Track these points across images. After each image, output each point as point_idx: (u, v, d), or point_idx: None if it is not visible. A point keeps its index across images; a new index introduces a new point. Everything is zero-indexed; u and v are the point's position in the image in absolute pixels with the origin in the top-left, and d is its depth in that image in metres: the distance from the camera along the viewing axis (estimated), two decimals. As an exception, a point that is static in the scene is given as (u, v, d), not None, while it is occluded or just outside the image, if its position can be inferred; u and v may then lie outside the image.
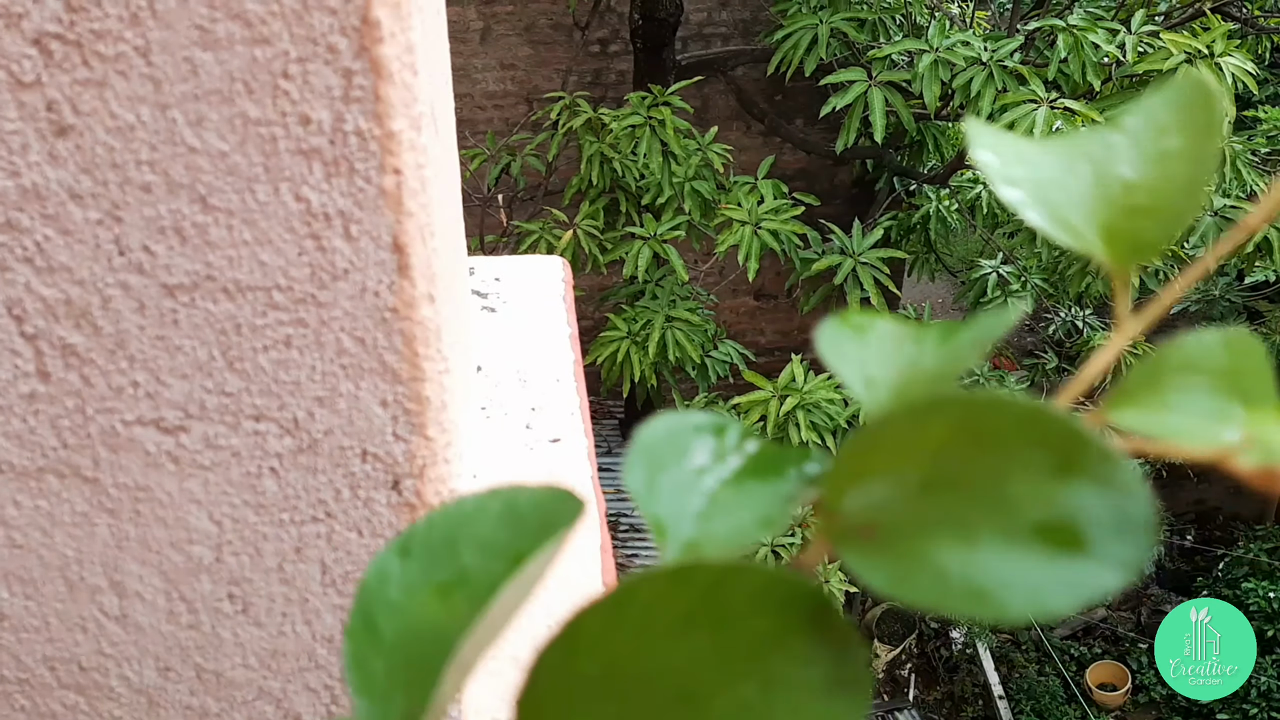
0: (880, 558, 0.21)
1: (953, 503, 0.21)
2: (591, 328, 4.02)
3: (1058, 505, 0.20)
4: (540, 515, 0.26)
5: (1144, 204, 0.27)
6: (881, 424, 0.22)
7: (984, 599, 0.20)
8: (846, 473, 0.23)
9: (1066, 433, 0.20)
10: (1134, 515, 0.20)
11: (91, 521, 0.51)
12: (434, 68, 0.55)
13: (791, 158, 4.87)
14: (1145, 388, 0.25)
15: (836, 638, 0.22)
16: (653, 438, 0.27)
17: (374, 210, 0.45)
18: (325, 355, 0.48)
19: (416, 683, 0.24)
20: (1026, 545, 0.20)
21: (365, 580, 0.26)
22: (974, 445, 0.21)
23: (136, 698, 0.55)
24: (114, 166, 0.45)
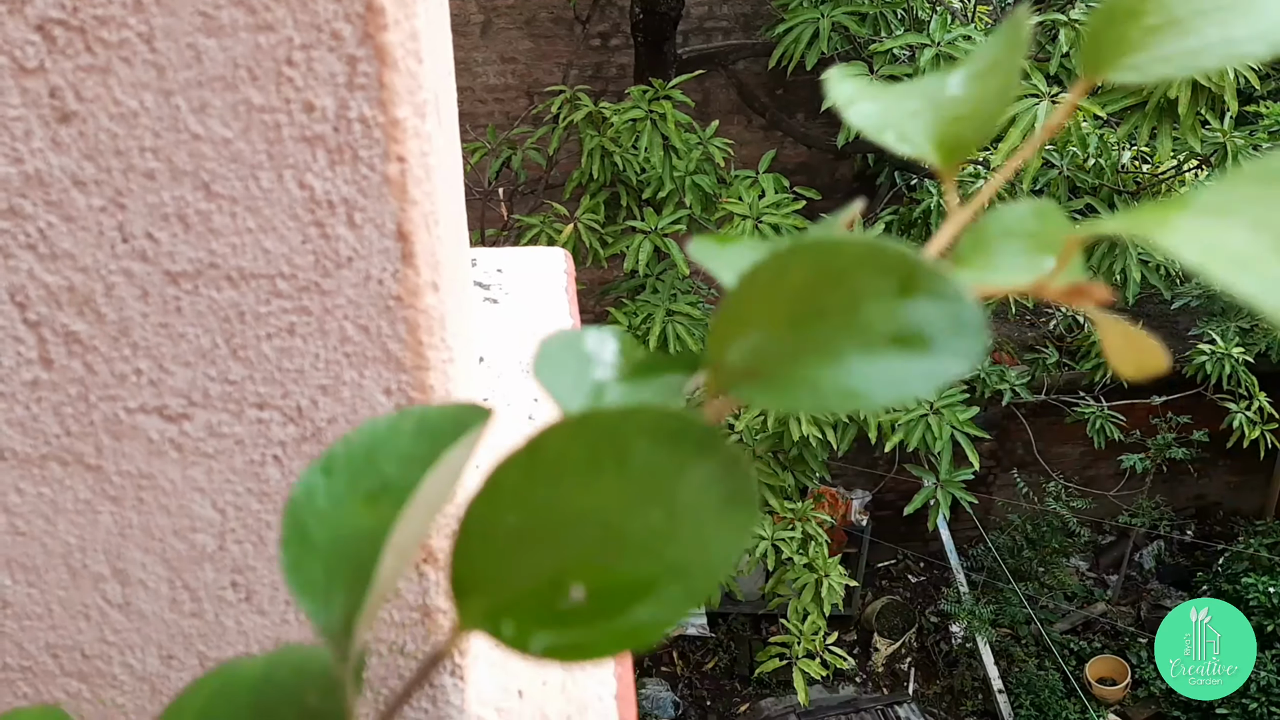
0: (765, 388, 0.25)
1: (818, 332, 0.24)
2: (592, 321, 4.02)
3: (904, 319, 0.24)
4: (453, 425, 0.29)
5: (964, 112, 0.32)
6: (749, 277, 0.25)
7: (854, 397, 0.23)
8: (726, 330, 0.26)
9: (905, 259, 0.24)
10: (967, 317, 0.23)
11: (94, 509, 0.51)
12: (437, 56, 0.54)
13: (793, 152, 4.87)
14: (975, 252, 0.31)
15: (726, 461, 0.24)
16: (553, 347, 0.31)
17: (378, 198, 0.45)
18: (329, 343, 0.48)
19: (354, 577, 0.26)
20: (883, 353, 0.24)
21: (293, 496, 0.28)
22: (829, 281, 0.24)
23: (139, 685, 0.55)
24: (117, 153, 0.45)
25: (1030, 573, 5.93)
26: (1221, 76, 3.05)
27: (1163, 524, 6.05)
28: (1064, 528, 5.85)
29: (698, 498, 0.24)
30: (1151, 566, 6.45)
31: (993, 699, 5.68)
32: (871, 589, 6.31)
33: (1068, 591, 6.09)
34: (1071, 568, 6.23)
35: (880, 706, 5.65)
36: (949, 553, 6.11)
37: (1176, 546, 6.46)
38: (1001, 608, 5.80)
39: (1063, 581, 6.03)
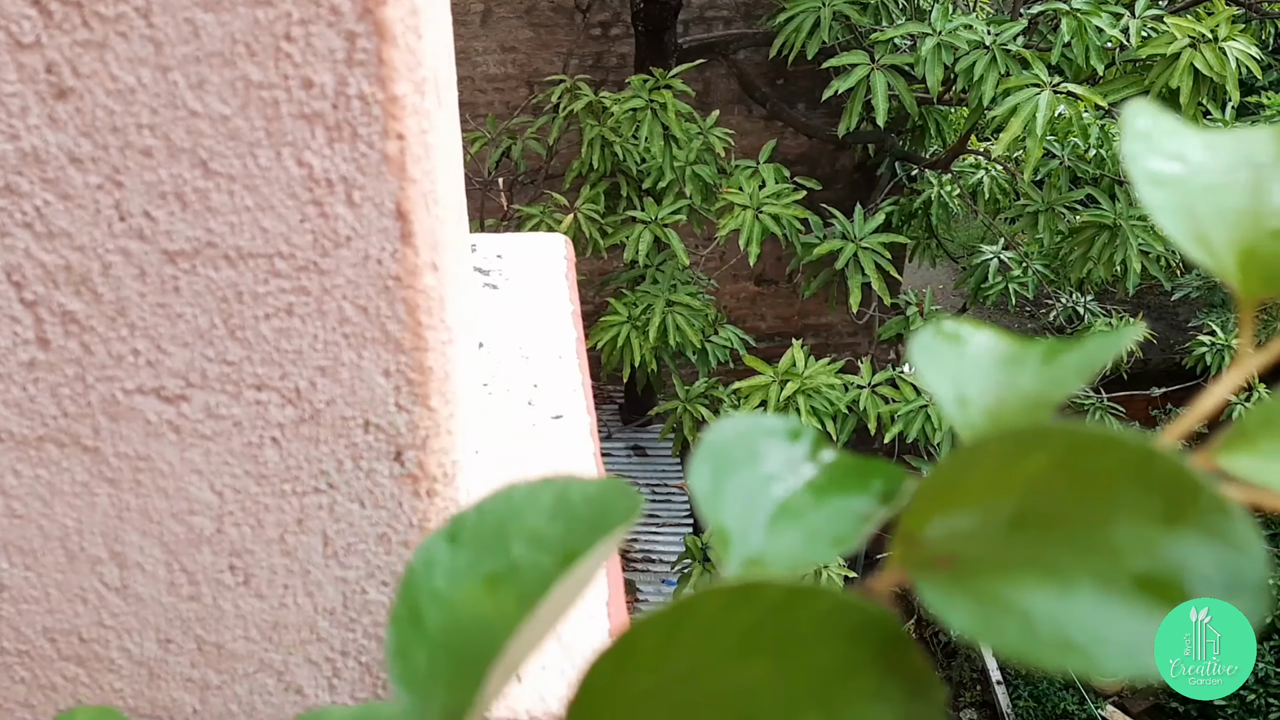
0: (961, 594, 0.20)
1: (1045, 543, 0.19)
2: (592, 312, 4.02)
3: (1162, 556, 0.19)
4: (593, 509, 0.25)
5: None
6: (975, 450, 0.20)
7: (1074, 652, 0.18)
8: (932, 498, 0.21)
9: (1178, 477, 0.19)
10: (1245, 574, 0.18)
11: (92, 491, 0.50)
12: (437, 34, 0.54)
13: (793, 142, 4.86)
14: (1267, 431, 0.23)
15: (910, 674, 0.20)
16: (722, 438, 0.26)
17: (377, 176, 0.45)
18: (327, 324, 0.47)
19: (460, 678, 0.23)
20: (1124, 597, 0.19)
21: (411, 566, 0.25)
22: (1074, 482, 0.19)
23: (137, 670, 0.54)
24: (114, 130, 0.44)
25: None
26: (1223, 66, 3.04)
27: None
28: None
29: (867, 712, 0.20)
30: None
31: (991, 690, 5.70)
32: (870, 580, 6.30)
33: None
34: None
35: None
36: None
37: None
38: (1000, 599, 5.80)
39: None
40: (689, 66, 3.68)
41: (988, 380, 0.26)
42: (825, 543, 0.24)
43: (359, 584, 0.53)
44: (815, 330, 5.43)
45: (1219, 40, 3.10)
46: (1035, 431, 0.20)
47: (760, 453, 0.25)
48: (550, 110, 3.71)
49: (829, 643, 0.20)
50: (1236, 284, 0.24)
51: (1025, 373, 0.26)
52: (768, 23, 3.97)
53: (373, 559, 0.52)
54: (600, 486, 0.25)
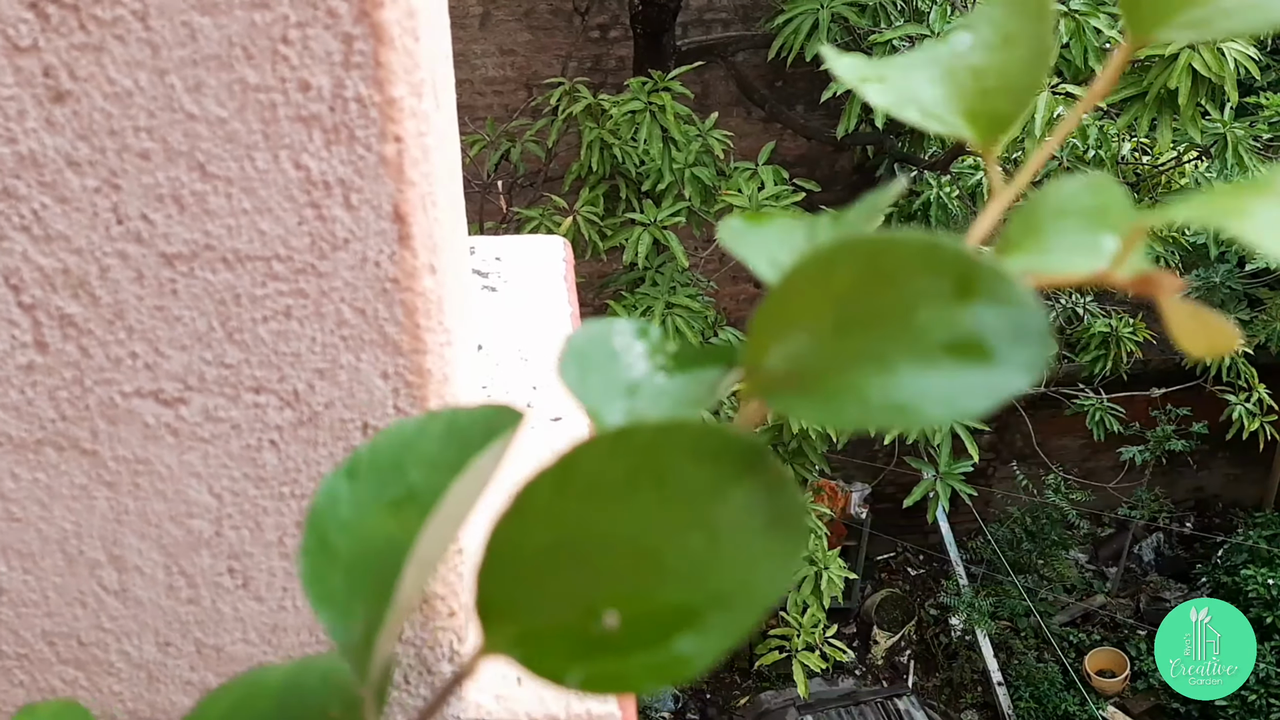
0: (806, 398, 0.23)
1: (866, 339, 0.22)
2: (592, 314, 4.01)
3: (962, 325, 0.22)
4: (482, 429, 0.27)
5: (995, 85, 0.30)
6: (792, 276, 0.23)
7: (905, 412, 0.21)
8: (765, 331, 0.24)
9: (962, 259, 0.22)
10: (1030, 324, 0.21)
11: (90, 494, 0.50)
12: (435, 36, 0.54)
13: (792, 144, 4.86)
14: (1026, 235, 0.28)
15: (772, 481, 0.23)
16: (581, 341, 0.29)
17: (375, 179, 0.45)
18: (325, 326, 0.47)
19: (377, 591, 0.25)
20: (938, 363, 0.22)
21: (315, 502, 0.27)
22: (879, 282, 0.22)
23: (136, 673, 0.54)
24: (112, 133, 0.44)
25: (1030, 565, 5.93)
26: (1221, 66, 3.04)
27: (1162, 516, 6.04)
28: (1063, 520, 5.85)
29: (740, 520, 0.22)
30: (1151, 559, 6.45)
31: (992, 691, 5.69)
32: (871, 582, 6.31)
33: (1067, 584, 6.09)
34: (1071, 560, 6.23)
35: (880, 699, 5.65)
36: (948, 545, 6.11)
37: (1176, 539, 6.46)
38: (1001, 600, 5.80)
39: (1062, 574, 6.03)
40: (688, 69, 3.68)
41: (792, 244, 0.30)
42: (684, 404, 0.27)
43: (358, 587, 0.53)
44: (815, 332, 5.42)
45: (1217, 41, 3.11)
46: (836, 245, 0.22)
47: (616, 348, 0.29)
48: (549, 113, 3.71)
49: (699, 466, 0.23)
50: (973, 135, 0.30)
51: (820, 232, 0.30)
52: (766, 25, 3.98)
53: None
54: (485, 409, 0.28)
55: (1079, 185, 0.29)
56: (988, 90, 0.30)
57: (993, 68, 0.30)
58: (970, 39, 0.31)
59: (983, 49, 0.31)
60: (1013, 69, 0.30)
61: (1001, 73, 0.30)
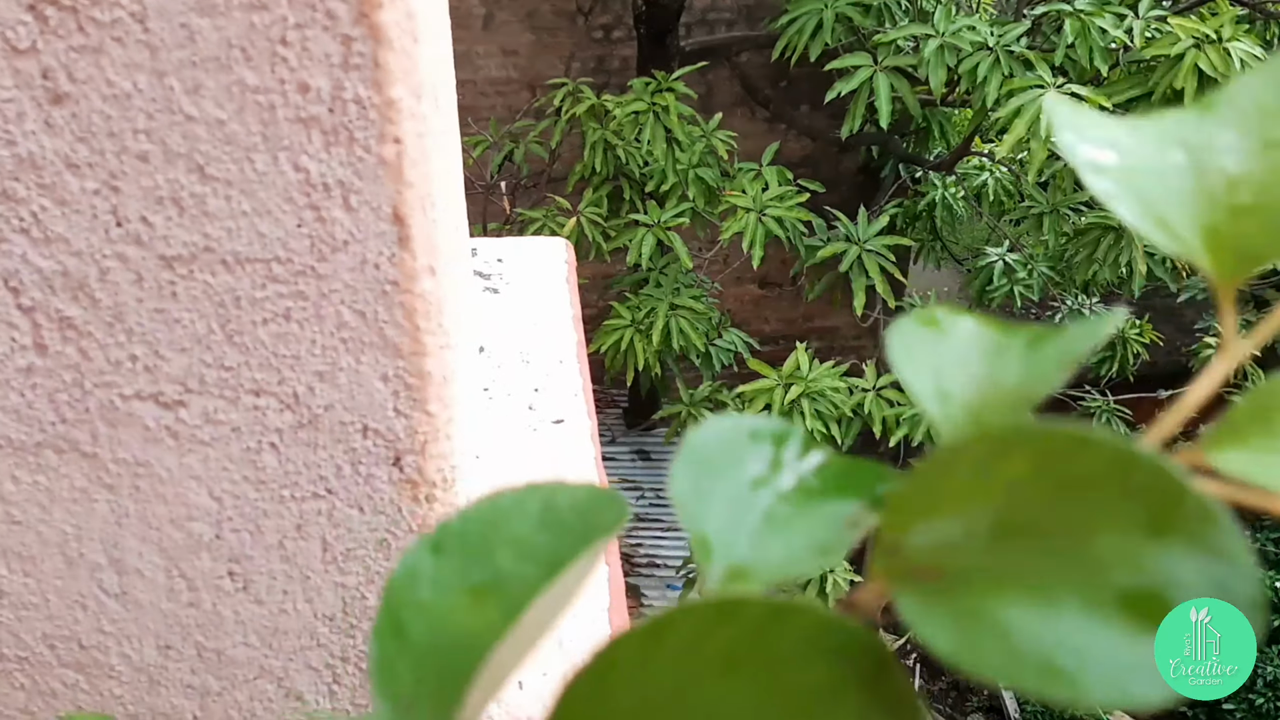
0: (943, 609, 0.19)
1: (1029, 554, 0.18)
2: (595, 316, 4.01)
3: (1148, 569, 0.18)
4: (580, 518, 0.24)
5: (1251, 202, 0.23)
6: (955, 452, 0.19)
7: (1058, 676, 0.17)
8: (913, 503, 0.20)
9: (1161, 481, 0.17)
10: (1235, 587, 0.17)
11: (90, 497, 0.50)
12: (435, 38, 0.54)
13: (796, 144, 4.85)
14: (1257, 425, 0.22)
15: (895, 698, 0.19)
16: (705, 441, 0.24)
17: (374, 180, 0.45)
18: (325, 329, 0.47)
19: (443, 692, 0.23)
20: (1110, 615, 0.18)
21: (394, 578, 0.24)
22: (1057, 488, 0.18)
23: (137, 676, 0.54)
24: (111, 135, 0.44)
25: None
26: (1227, 66, 3.03)
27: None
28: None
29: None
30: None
31: (999, 694, 5.68)
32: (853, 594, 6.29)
33: (1073, 585, 6.08)
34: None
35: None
36: (954, 547, 6.09)
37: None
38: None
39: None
40: (691, 69, 3.68)
41: (969, 373, 0.25)
42: (812, 551, 0.23)
43: (358, 590, 0.53)
44: (819, 333, 5.42)
45: (1223, 41, 3.10)
46: (1014, 432, 0.19)
47: (745, 456, 0.25)
48: (552, 114, 3.71)
49: (811, 663, 0.20)
50: (1208, 265, 0.23)
51: (1008, 364, 0.25)
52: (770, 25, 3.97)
53: (372, 564, 0.52)
54: (588, 494, 0.25)
55: None
56: (1240, 208, 0.23)
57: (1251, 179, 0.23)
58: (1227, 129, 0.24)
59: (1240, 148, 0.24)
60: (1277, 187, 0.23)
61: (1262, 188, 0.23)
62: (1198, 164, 0.24)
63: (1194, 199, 0.23)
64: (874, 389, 3.36)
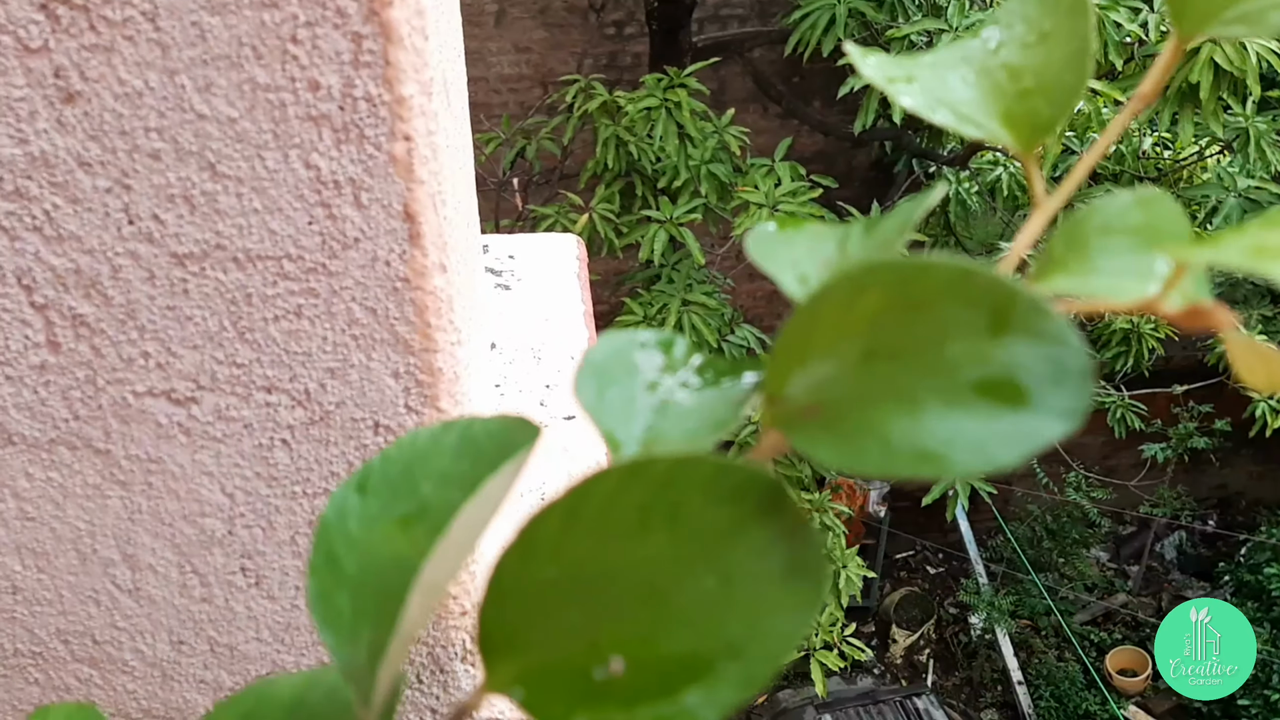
0: (827, 435, 0.21)
1: (893, 371, 0.21)
2: (607, 312, 4.01)
3: (995, 362, 0.20)
4: (497, 443, 0.26)
5: (1032, 85, 0.28)
6: (817, 299, 0.21)
7: (930, 460, 0.20)
8: (788, 356, 0.22)
9: (997, 289, 0.20)
10: (1070, 364, 0.20)
11: (103, 494, 0.50)
12: (445, 35, 0.54)
13: (809, 140, 4.84)
14: (1071, 253, 0.26)
15: (791, 524, 0.21)
16: (601, 354, 0.27)
17: (384, 177, 0.45)
18: (336, 325, 0.47)
19: (382, 614, 0.24)
20: (968, 404, 0.20)
21: (324, 516, 0.26)
22: (908, 311, 0.21)
23: (150, 671, 0.54)
24: (122, 134, 0.44)
25: (1050, 564, 5.89)
26: (1243, 60, 3.01)
27: (1184, 514, 6.00)
28: (1084, 518, 5.82)
29: (756, 566, 0.21)
30: (1173, 557, 6.40)
31: (1012, 691, 5.66)
32: (890, 580, 6.29)
33: (1088, 582, 6.05)
34: (1092, 558, 6.19)
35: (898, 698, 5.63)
36: (968, 544, 6.08)
37: (1198, 537, 6.41)
38: (1021, 599, 5.76)
39: (1083, 572, 5.99)
40: (704, 65, 3.67)
41: (821, 257, 0.28)
42: (706, 427, 0.25)
43: (370, 586, 0.53)
44: (833, 329, 5.41)
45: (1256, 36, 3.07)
46: (864, 269, 0.21)
47: (638, 364, 0.27)
48: (565, 110, 3.71)
49: (715, 505, 0.21)
50: (1010, 139, 0.28)
51: (853, 243, 0.28)
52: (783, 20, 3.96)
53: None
54: (501, 421, 0.26)
55: (1129, 200, 0.27)
56: (1025, 91, 0.28)
57: (1030, 67, 0.28)
58: (1003, 35, 0.29)
59: (1018, 46, 0.29)
60: (1052, 68, 0.28)
61: (1040, 72, 0.28)
62: (983, 67, 0.29)
63: (987, 93, 0.28)
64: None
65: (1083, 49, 0.27)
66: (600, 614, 0.22)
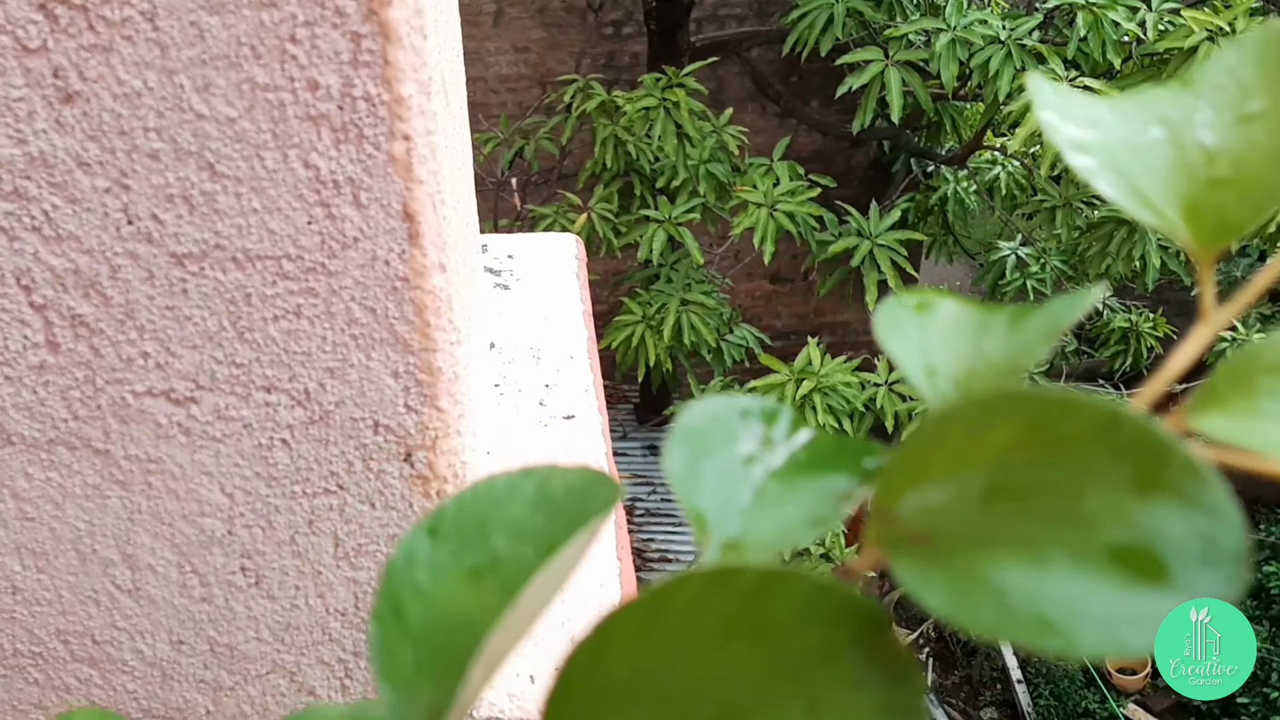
0: (937, 571, 0.19)
1: (1019, 515, 0.19)
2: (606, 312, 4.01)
3: (1137, 526, 0.18)
4: (574, 500, 0.25)
5: (1228, 175, 0.24)
6: (943, 420, 0.20)
7: (1051, 629, 0.18)
8: (904, 472, 0.20)
9: (1149, 441, 0.18)
10: (1222, 542, 0.18)
11: (103, 494, 0.50)
12: (444, 35, 0.54)
13: (807, 139, 4.85)
14: (1237, 390, 0.22)
15: (890, 660, 0.20)
16: (697, 420, 0.25)
17: (383, 177, 0.45)
18: (336, 325, 0.47)
19: (444, 673, 0.23)
20: (1100, 570, 0.18)
21: (392, 562, 0.25)
22: (1045, 450, 0.19)
23: (150, 671, 0.54)
24: (121, 134, 0.44)
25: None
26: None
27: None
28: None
29: (847, 699, 0.19)
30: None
31: (1012, 689, 5.67)
32: (889, 580, 6.29)
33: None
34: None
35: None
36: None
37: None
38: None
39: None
40: (702, 64, 3.67)
41: (955, 349, 0.25)
42: (804, 523, 0.23)
43: (370, 585, 0.53)
44: (831, 328, 5.41)
45: (1237, 33, 3.08)
46: (1001, 397, 0.19)
47: (736, 434, 0.25)
48: (563, 110, 3.71)
49: (807, 627, 0.20)
50: (1188, 237, 0.24)
51: (992, 339, 0.25)
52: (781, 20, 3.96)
53: (384, 560, 0.52)
54: (580, 475, 0.25)
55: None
56: (1218, 181, 0.24)
57: (1228, 153, 0.24)
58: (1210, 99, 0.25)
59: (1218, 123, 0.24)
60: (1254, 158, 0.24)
61: (1239, 160, 0.24)
62: (1176, 138, 0.24)
63: (1172, 172, 0.24)
64: (886, 383, 3.35)
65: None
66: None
